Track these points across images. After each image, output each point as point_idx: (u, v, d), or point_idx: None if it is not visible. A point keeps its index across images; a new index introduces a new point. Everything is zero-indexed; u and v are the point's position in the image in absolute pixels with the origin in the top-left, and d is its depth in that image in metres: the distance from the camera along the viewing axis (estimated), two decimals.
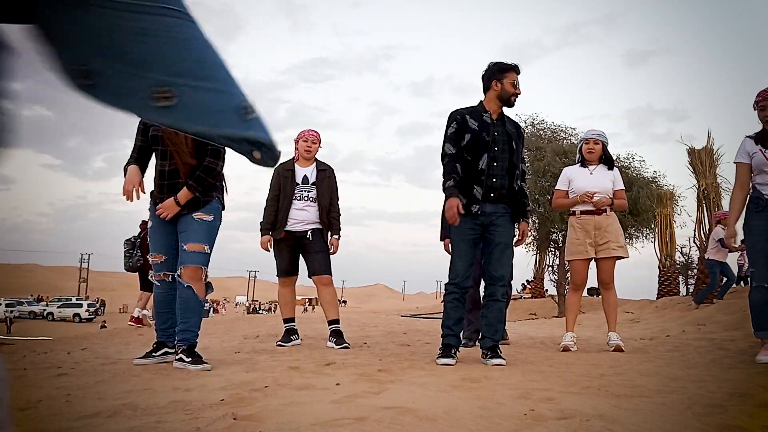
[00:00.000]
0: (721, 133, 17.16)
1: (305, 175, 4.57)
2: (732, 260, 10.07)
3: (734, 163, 3.71)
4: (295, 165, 4.60)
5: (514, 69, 3.64)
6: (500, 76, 3.60)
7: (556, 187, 4.66)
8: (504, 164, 3.57)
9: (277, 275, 4.66)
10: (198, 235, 3.24)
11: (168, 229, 3.32)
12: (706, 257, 9.90)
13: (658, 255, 15.18)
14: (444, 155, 3.59)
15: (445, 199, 3.50)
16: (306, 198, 4.52)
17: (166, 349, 3.39)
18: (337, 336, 4.43)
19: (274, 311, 42.52)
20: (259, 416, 1.89)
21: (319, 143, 4.64)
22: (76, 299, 48.73)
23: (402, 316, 16.34)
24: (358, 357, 3.69)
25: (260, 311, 49.09)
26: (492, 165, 3.53)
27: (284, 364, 3.26)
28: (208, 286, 3.32)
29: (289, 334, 4.61)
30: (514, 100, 3.63)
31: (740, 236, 3.84)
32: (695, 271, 14.61)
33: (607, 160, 4.54)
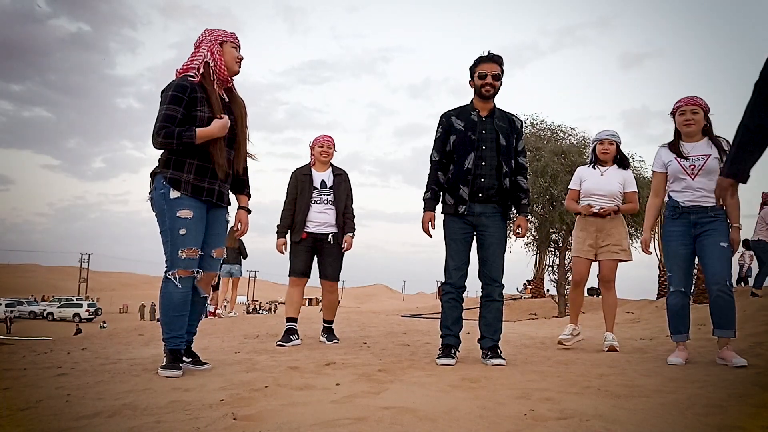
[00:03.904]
0: (718, 133, 17.15)
1: (323, 180, 4.74)
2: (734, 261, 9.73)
3: (652, 171, 3.87)
4: (312, 170, 4.77)
5: (483, 60, 3.49)
6: (473, 71, 3.54)
7: (570, 187, 4.68)
8: (493, 162, 3.49)
9: (290, 275, 4.74)
10: (224, 239, 3.18)
11: (204, 222, 3.01)
12: (756, 239, 8.91)
13: (658, 255, 15.17)
14: (430, 161, 3.63)
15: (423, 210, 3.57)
16: (324, 202, 4.69)
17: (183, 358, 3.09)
18: (329, 332, 4.88)
19: (275, 311, 42.53)
20: (259, 416, 1.89)
21: (334, 147, 4.84)
22: (77, 299, 48.75)
23: (402, 316, 16.31)
24: (358, 357, 3.69)
25: (260, 311, 49.11)
26: (479, 164, 3.48)
27: (284, 364, 3.26)
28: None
29: (290, 334, 4.63)
30: (487, 92, 3.46)
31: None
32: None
33: (620, 161, 4.56)
